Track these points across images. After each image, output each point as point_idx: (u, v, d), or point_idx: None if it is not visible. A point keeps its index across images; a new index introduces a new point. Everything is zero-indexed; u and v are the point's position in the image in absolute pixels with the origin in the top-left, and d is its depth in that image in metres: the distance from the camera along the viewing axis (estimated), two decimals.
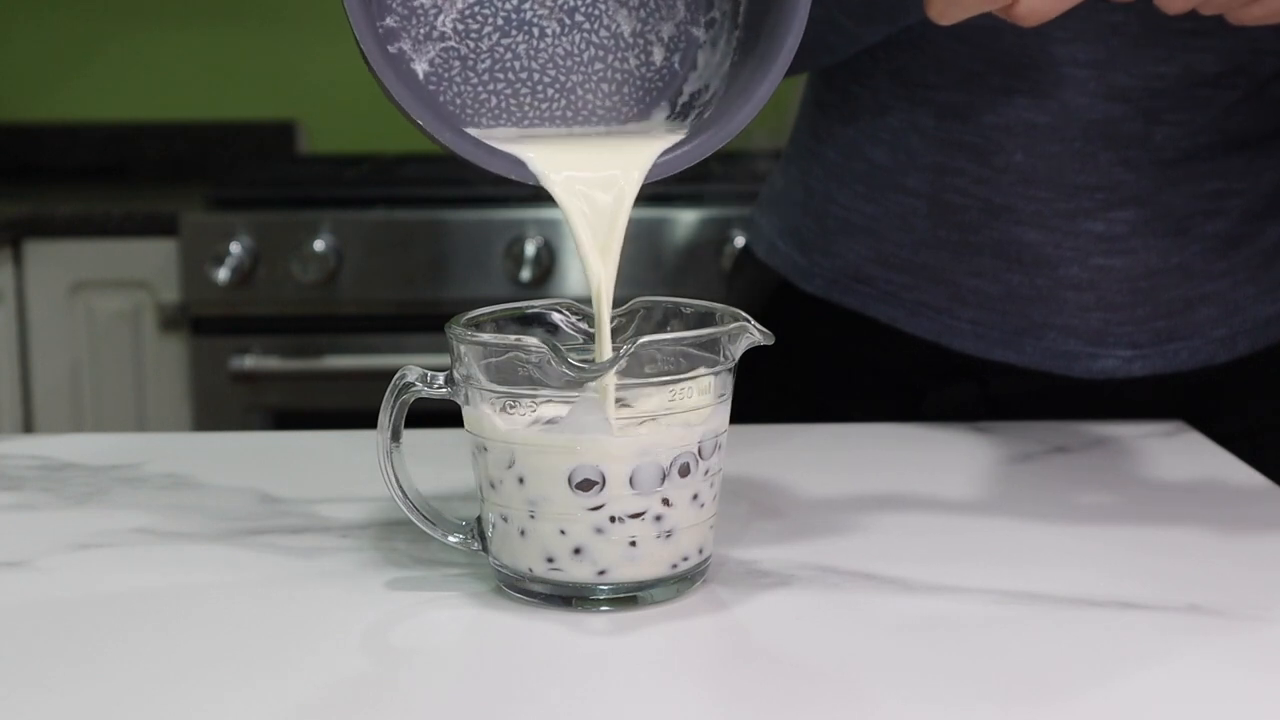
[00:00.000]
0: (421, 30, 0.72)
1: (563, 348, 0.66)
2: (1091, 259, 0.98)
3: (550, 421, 0.68)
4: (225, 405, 2.28)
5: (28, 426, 2.43)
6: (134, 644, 0.66)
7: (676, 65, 0.75)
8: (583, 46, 0.74)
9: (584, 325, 0.75)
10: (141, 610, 0.70)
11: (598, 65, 0.74)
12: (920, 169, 1.00)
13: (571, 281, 2.18)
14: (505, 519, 0.69)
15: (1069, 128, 0.96)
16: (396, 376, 0.71)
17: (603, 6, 0.74)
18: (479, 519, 0.72)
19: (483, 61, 0.73)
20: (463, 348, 0.70)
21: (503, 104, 0.74)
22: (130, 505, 0.85)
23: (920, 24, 0.95)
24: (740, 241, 2.21)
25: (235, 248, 2.24)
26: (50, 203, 2.45)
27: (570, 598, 0.69)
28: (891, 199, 1.02)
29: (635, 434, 0.67)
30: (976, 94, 0.97)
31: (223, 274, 2.24)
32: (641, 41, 0.74)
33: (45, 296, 2.41)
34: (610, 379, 0.67)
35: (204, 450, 0.97)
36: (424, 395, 0.71)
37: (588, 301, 0.76)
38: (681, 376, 0.68)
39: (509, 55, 0.73)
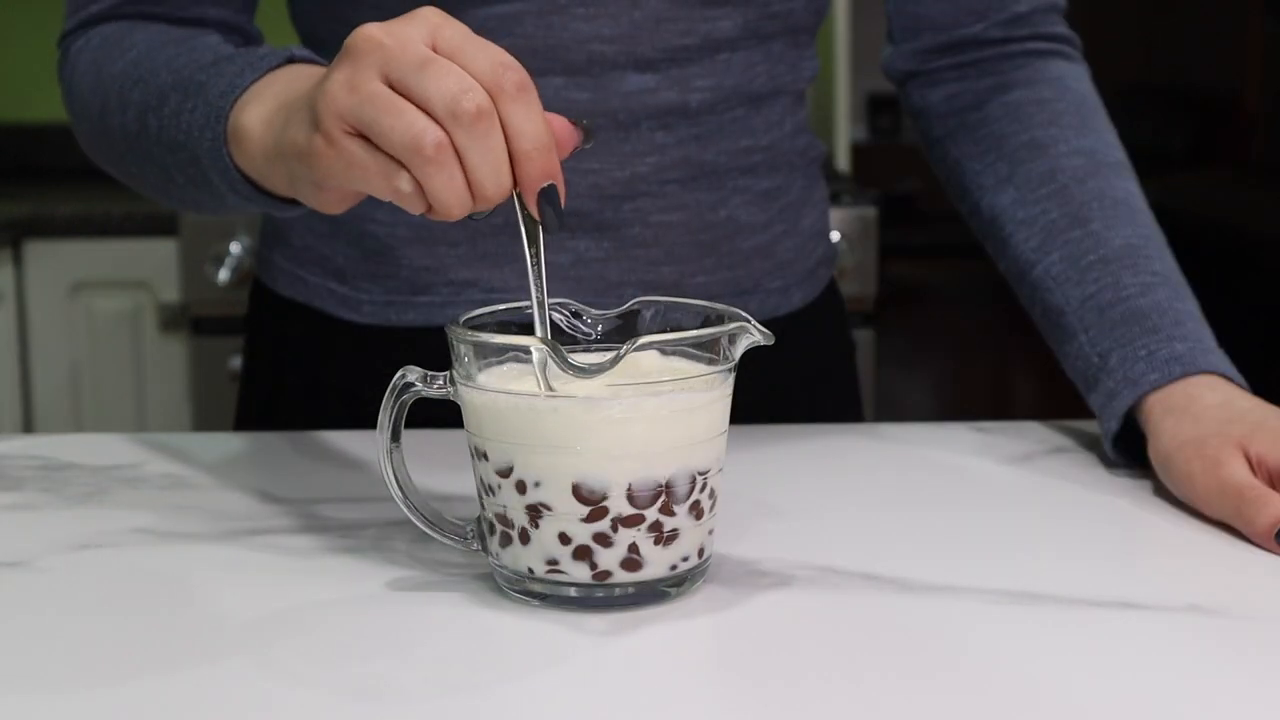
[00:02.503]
0: None
1: (563, 348, 0.66)
2: (651, 217, 1.00)
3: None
4: (225, 405, 2.28)
5: (28, 426, 2.43)
6: (134, 644, 0.66)
7: None
8: None
9: (584, 325, 0.75)
10: (141, 610, 0.70)
11: None
12: None
13: None
14: (505, 522, 0.69)
15: (608, 101, 0.98)
16: (396, 376, 0.71)
17: None
18: (479, 519, 0.72)
19: None
20: (463, 348, 0.70)
21: None
22: (130, 505, 0.85)
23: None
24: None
25: (235, 248, 2.24)
26: (50, 203, 2.45)
27: (570, 599, 0.69)
28: None
29: (635, 435, 0.67)
30: None
31: (223, 274, 2.24)
32: None
33: (45, 296, 2.41)
34: (608, 379, 0.67)
35: (204, 450, 0.97)
36: (424, 395, 0.71)
37: (588, 303, 0.76)
38: (681, 377, 0.68)
39: None
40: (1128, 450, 0.91)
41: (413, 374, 0.71)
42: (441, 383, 0.71)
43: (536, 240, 0.69)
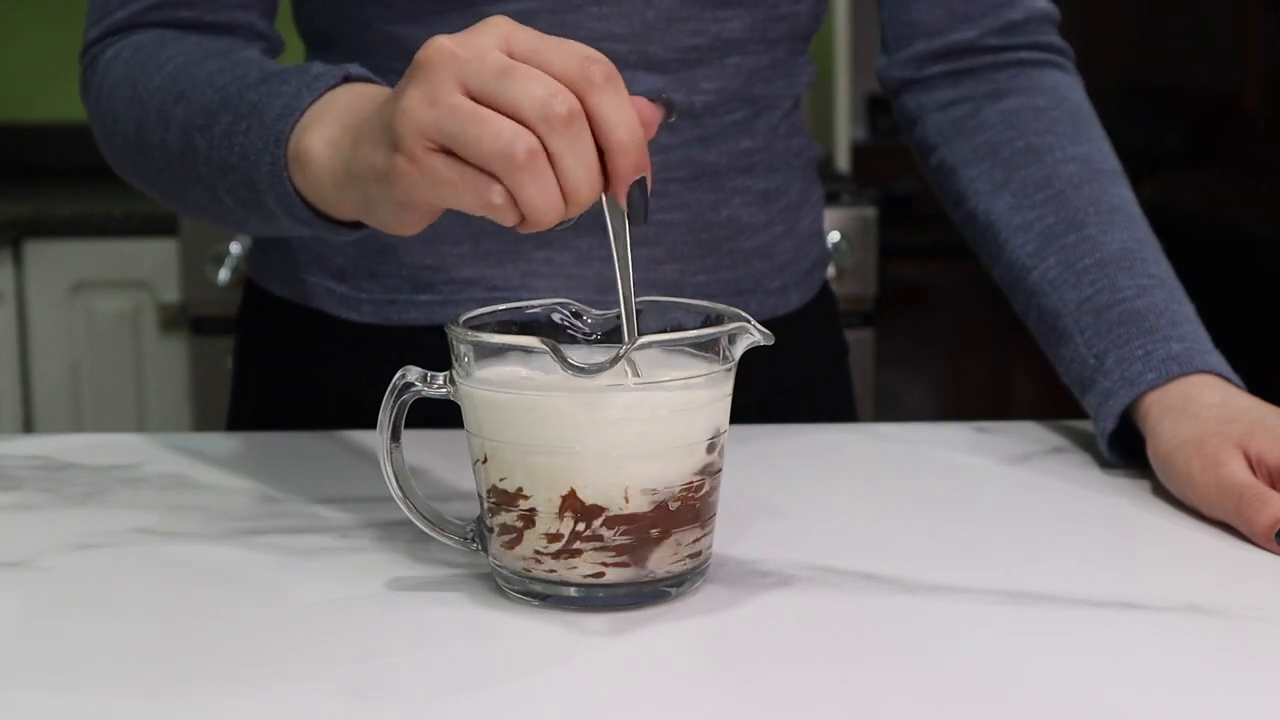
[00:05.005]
0: None
1: (563, 348, 0.66)
2: (654, 215, 1.00)
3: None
4: (225, 405, 2.28)
5: (28, 426, 2.43)
6: (134, 644, 0.66)
7: None
8: None
9: (583, 325, 0.75)
10: (141, 610, 0.70)
11: None
12: None
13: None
14: (504, 521, 0.69)
15: None
16: (397, 376, 0.71)
17: None
18: (479, 519, 0.72)
19: None
20: (462, 347, 0.70)
21: None
22: (130, 505, 0.85)
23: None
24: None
25: (235, 248, 2.24)
26: (50, 203, 2.45)
27: (570, 599, 0.69)
28: None
29: (634, 435, 0.67)
30: None
31: (223, 274, 2.24)
32: None
33: (45, 296, 2.41)
34: (608, 378, 0.67)
35: (204, 450, 0.97)
36: (424, 395, 0.71)
37: (588, 302, 0.76)
38: (681, 377, 0.68)
39: None
40: (1123, 450, 0.91)
41: (413, 374, 0.71)
42: (441, 382, 0.71)
43: (623, 232, 0.68)
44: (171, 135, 0.87)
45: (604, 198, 0.68)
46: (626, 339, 0.69)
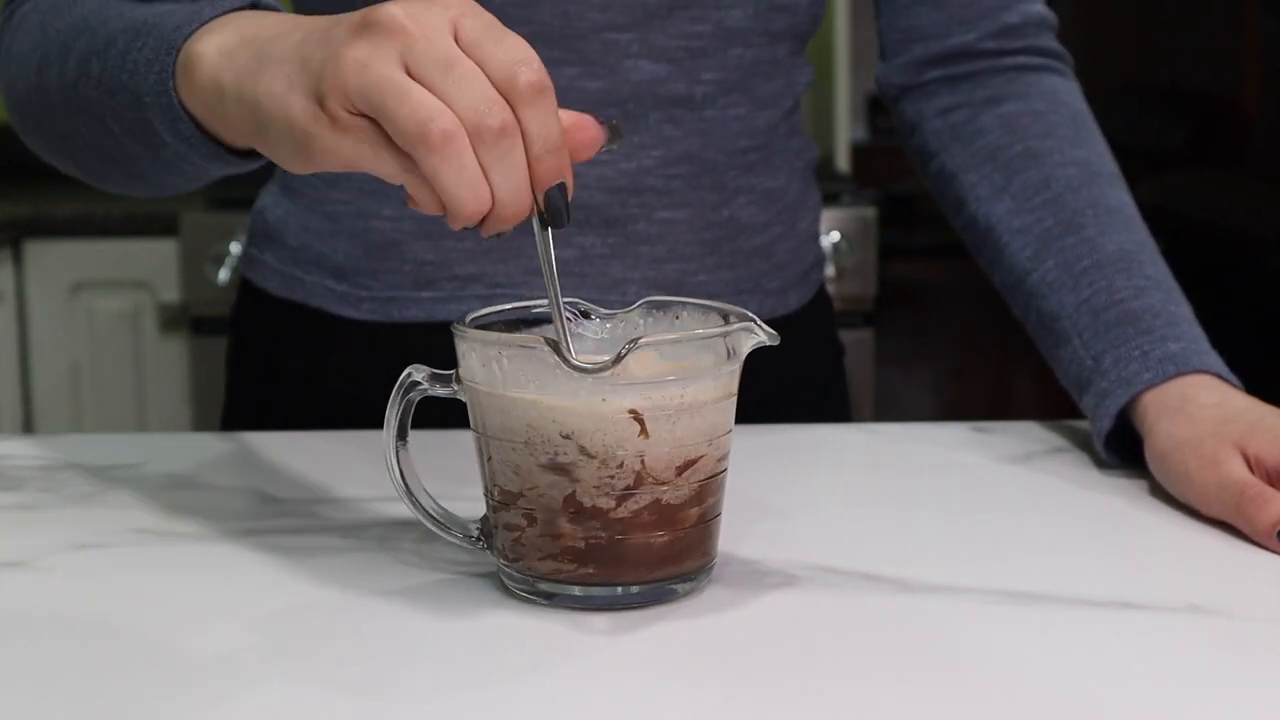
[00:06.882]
0: None
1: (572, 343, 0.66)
2: (656, 213, 1.01)
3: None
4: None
5: (28, 426, 2.43)
6: (134, 644, 0.66)
7: None
8: None
9: (593, 324, 0.75)
10: (141, 610, 0.70)
11: None
12: None
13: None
14: (508, 521, 0.69)
15: (619, 90, 0.98)
16: (403, 375, 0.71)
17: None
18: (485, 519, 0.72)
19: None
20: (467, 346, 0.70)
21: None
22: (130, 505, 0.85)
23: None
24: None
25: (235, 248, 2.24)
26: (50, 203, 2.45)
27: (576, 598, 0.69)
28: None
29: (638, 436, 0.67)
30: None
31: (223, 274, 2.24)
32: None
33: (45, 296, 2.41)
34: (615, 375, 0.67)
35: (204, 450, 0.97)
36: (430, 394, 0.71)
37: (592, 299, 0.76)
38: (686, 376, 0.68)
39: None
40: (1121, 451, 0.91)
41: (419, 373, 0.71)
42: (448, 381, 0.71)
43: (546, 237, 0.67)
44: (70, 65, 0.84)
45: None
46: (564, 346, 0.67)
